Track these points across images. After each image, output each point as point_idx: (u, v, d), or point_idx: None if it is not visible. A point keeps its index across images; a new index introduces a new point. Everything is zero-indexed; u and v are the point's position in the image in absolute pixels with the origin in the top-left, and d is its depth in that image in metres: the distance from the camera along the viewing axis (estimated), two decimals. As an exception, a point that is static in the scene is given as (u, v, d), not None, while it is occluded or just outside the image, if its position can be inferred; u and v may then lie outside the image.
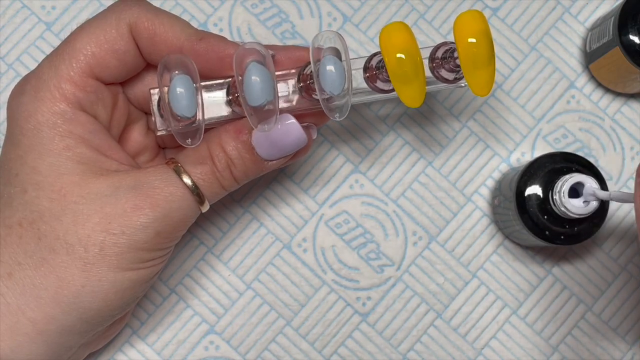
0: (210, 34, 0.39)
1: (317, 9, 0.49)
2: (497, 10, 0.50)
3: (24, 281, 0.37)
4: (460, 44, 0.37)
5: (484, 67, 0.38)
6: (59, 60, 0.37)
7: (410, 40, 0.37)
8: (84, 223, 0.37)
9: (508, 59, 0.50)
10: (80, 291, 0.37)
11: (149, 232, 0.37)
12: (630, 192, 0.32)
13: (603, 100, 0.50)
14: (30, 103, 0.37)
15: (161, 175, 0.38)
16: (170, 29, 0.38)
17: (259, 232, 0.48)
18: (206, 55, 0.38)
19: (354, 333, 0.47)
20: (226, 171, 0.39)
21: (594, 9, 0.50)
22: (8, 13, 0.48)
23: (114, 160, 0.39)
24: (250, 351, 0.47)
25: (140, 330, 0.47)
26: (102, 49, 0.38)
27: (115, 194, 0.37)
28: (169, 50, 0.38)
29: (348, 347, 0.47)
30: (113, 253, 0.37)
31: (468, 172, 0.49)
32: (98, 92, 0.38)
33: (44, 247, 0.37)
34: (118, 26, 0.38)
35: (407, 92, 0.38)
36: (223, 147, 0.39)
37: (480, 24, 0.37)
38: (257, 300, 0.47)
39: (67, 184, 0.37)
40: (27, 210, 0.37)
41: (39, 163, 0.37)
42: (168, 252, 0.40)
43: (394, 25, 0.37)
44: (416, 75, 0.37)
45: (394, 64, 0.37)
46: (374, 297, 0.48)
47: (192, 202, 0.38)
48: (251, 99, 0.36)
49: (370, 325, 0.47)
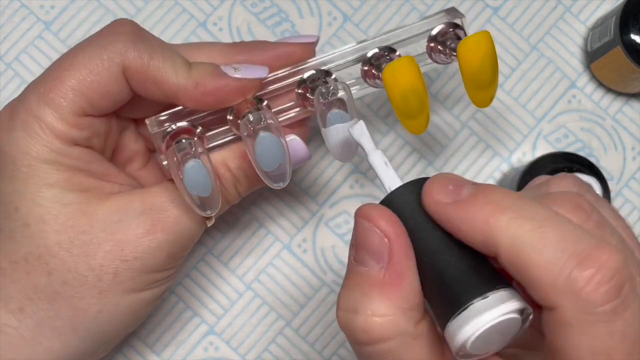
0: (202, 69, 0.37)
1: (317, 8, 0.49)
2: (498, 10, 0.50)
3: (37, 314, 0.36)
4: (464, 70, 0.37)
5: (486, 88, 0.38)
6: (49, 99, 0.36)
7: (415, 78, 0.37)
8: (95, 253, 0.36)
9: (509, 58, 0.50)
10: (96, 317, 0.36)
11: (161, 255, 0.37)
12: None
13: (604, 100, 0.50)
14: (22, 139, 0.36)
15: (168, 195, 0.37)
16: (164, 74, 0.36)
17: (259, 233, 0.48)
18: (202, 99, 0.37)
19: (354, 334, 0.47)
20: (232, 188, 0.39)
21: (595, 9, 0.50)
22: (7, 12, 0.48)
23: (114, 183, 0.38)
24: (250, 352, 0.47)
25: (139, 331, 0.46)
26: (94, 90, 0.36)
27: (124, 219, 0.37)
28: (162, 95, 0.37)
29: (348, 349, 0.47)
30: (127, 278, 0.36)
31: (469, 172, 0.49)
32: (91, 126, 0.37)
33: (56, 281, 0.36)
34: (110, 68, 0.36)
35: (411, 124, 0.38)
36: (228, 167, 0.39)
37: (484, 48, 0.37)
38: (257, 301, 0.47)
39: (73, 215, 0.36)
40: (33, 245, 0.36)
41: (39, 196, 0.36)
42: (178, 267, 0.40)
43: (399, 63, 0.37)
44: (421, 111, 0.37)
45: (399, 102, 0.37)
46: (374, 298, 0.47)
47: (200, 218, 0.38)
48: (264, 166, 0.36)
49: (371, 326, 0.47)
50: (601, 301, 0.25)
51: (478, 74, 0.37)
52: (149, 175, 0.41)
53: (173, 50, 0.37)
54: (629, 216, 0.49)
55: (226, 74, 0.37)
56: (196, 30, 0.49)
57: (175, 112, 0.38)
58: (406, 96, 0.37)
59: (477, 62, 0.37)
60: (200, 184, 0.36)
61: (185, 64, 0.37)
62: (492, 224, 0.27)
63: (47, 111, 0.36)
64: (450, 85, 0.49)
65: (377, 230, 0.29)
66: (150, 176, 0.41)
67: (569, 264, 0.26)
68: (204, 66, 0.37)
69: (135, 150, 0.41)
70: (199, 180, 0.35)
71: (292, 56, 0.39)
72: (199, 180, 0.35)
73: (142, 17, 0.48)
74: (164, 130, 0.37)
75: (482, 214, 0.27)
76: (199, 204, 0.36)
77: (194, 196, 0.36)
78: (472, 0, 0.50)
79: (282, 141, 0.36)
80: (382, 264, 0.29)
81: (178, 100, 0.37)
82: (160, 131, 0.38)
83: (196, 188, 0.36)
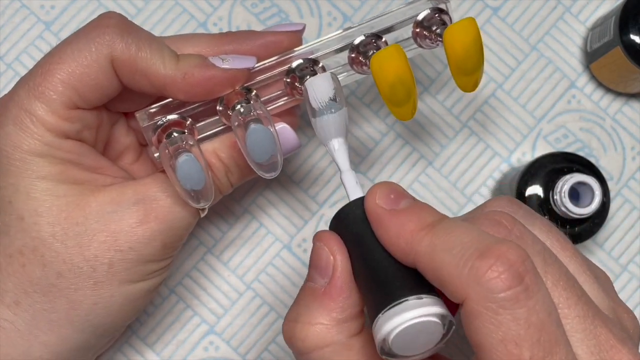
0: (189, 60, 0.37)
1: (317, 8, 0.49)
2: (498, 10, 0.50)
3: (33, 307, 0.36)
4: (450, 56, 0.38)
5: (472, 74, 0.39)
6: (39, 92, 0.36)
7: (402, 66, 0.37)
8: (89, 244, 0.36)
9: (509, 58, 0.50)
10: (92, 309, 0.37)
11: (155, 244, 0.37)
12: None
13: (604, 100, 0.50)
14: (14, 134, 0.36)
15: (160, 185, 0.38)
16: (152, 66, 0.36)
17: (259, 233, 0.48)
18: (191, 90, 0.37)
19: (354, 333, 0.47)
20: (224, 178, 0.39)
21: (594, 9, 0.50)
22: (7, 12, 0.48)
23: (107, 176, 0.38)
24: (250, 352, 0.47)
25: (139, 331, 0.46)
26: (83, 83, 0.36)
27: (118, 210, 0.37)
28: (150, 87, 0.37)
29: (348, 348, 0.47)
30: (122, 268, 0.37)
31: (468, 172, 0.49)
32: (82, 119, 0.37)
33: (51, 273, 0.36)
34: (99, 60, 0.36)
35: (399, 112, 0.39)
36: (219, 156, 0.39)
37: (470, 35, 0.37)
38: (257, 300, 0.47)
39: (66, 207, 0.36)
40: (27, 238, 0.36)
41: (33, 189, 0.36)
42: (173, 258, 0.40)
43: (385, 52, 0.37)
44: (408, 98, 0.38)
45: (387, 91, 0.37)
46: (374, 298, 0.47)
47: (193, 208, 0.38)
48: (256, 158, 0.36)
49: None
50: (501, 287, 0.27)
51: (464, 60, 0.38)
52: (141, 169, 0.41)
53: (161, 42, 0.37)
54: (629, 216, 0.49)
55: (214, 65, 0.37)
56: (196, 30, 0.49)
57: (164, 105, 0.38)
58: (394, 85, 0.37)
59: (462, 49, 0.37)
60: (193, 177, 0.36)
61: (173, 56, 0.37)
62: (414, 234, 0.30)
63: (37, 105, 0.36)
64: (450, 85, 0.49)
65: (325, 249, 0.32)
66: (143, 170, 0.41)
67: (472, 256, 0.28)
68: (191, 57, 0.37)
69: (127, 144, 0.41)
70: (192, 174, 0.36)
71: (280, 45, 0.39)
72: (192, 173, 0.36)
73: (142, 17, 0.48)
74: (154, 124, 0.38)
75: (410, 226, 0.30)
76: (192, 196, 0.36)
77: (187, 189, 0.36)
78: (472, 0, 0.50)
79: (273, 132, 0.36)
80: (326, 279, 0.32)
81: (166, 91, 0.37)
82: (150, 124, 0.38)
83: (189, 181, 0.36)
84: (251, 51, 0.39)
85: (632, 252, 0.49)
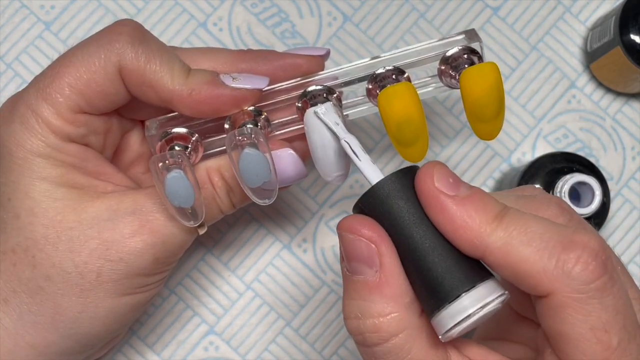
0: (199, 77, 0.36)
1: (317, 8, 0.49)
2: (498, 10, 0.50)
3: (20, 308, 0.36)
4: (466, 101, 0.35)
5: (489, 122, 0.36)
6: (47, 94, 0.36)
7: (411, 106, 0.35)
8: (81, 250, 0.36)
9: (509, 58, 0.50)
10: (77, 317, 0.36)
11: (147, 258, 0.36)
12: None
13: (604, 100, 0.50)
14: (19, 132, 0.36)
15: (159, 198, 0.37)
16: (160, 79, 0.36)
17: (259, 233, 0.48)
18: (197, 107, 0.36)
19: (354, 334, 0.47)
20: (226, 197, 0.39)
21: (594, 9, 0.50)
22: (7, 12, 0.48)
23: (109, 183, 0.38)
24: (250, 352, 0.47)
25: (140, 331, 0.46)
26: (90, 88, 0.36)
27: (113, 218, 0.36)
28: (157, 99, 0.36)
29: (348, 348, 0.47)
30: (110, 279, 0.36)
31: (469, 172, 0.49)
32: (88, 124, 0.37)
33: (39, 275, 0.36)
34: (106, 67, 0.36)
35: (406, 152, 0.36)
36: (222, 175, 0.38)
37: (489, 80, 0.35)
38: (257, 300, 0.47)
39: (62, 210, 0.36)
40: (21, 237, 0.36)
41: (32, 189, 0.36)
42: (166, 276, 0.39)
43: (394, 89, 0.35)
44: (416, 139, 0.35)
45: (393, 130, 0.35)
46: (374, 298, 0.47)
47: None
48: (247, 182, 0.36)
49: (371, 325, 0.47)
50: (592, 278, 0.28)
51: (481, 107, 0.35)
52: (152, 180, 0.41)
53: (173, 54, 0.37)
54: (629, 216, 0.49)
55: (223, 83, 0.36)
56: (196, 30, 0.49)
57: (175, 117, 0.38)
58: (400, 125, 0.35)
59: (479, 95, 0.35)
60: (181, 195, 0.35)
61: (184, 70, 0.36)
62: (484, 226, 0.29)
63: (44, 106, 0.36)
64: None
65: (362, 239, 0.31)
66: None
67: (556, 250, 0.28)
68: (201, 73, 0.37)
69: (140, 152, 0.41)
70: (180, 192, 0.35)
71: (298, 68, 0.38)
72: (180, 191, 0.35)
73: (142, 17, 0.48)
74: (159, 135, 0.37)
75: (478, 217, 0.29)
76: (181, 214, 0.36)
77: (175, 206, 0.35)
78: (472, 0, 0.50)
79: (268, 158, 0.35)
80: (375, 268, 0.30)
81: (173, 106, 0.37)
82: (155, 135, 0.37)
83: (177, 199, 0.35)
84: (267, 72, 0.38)
85: (632, 252, 0.49)
